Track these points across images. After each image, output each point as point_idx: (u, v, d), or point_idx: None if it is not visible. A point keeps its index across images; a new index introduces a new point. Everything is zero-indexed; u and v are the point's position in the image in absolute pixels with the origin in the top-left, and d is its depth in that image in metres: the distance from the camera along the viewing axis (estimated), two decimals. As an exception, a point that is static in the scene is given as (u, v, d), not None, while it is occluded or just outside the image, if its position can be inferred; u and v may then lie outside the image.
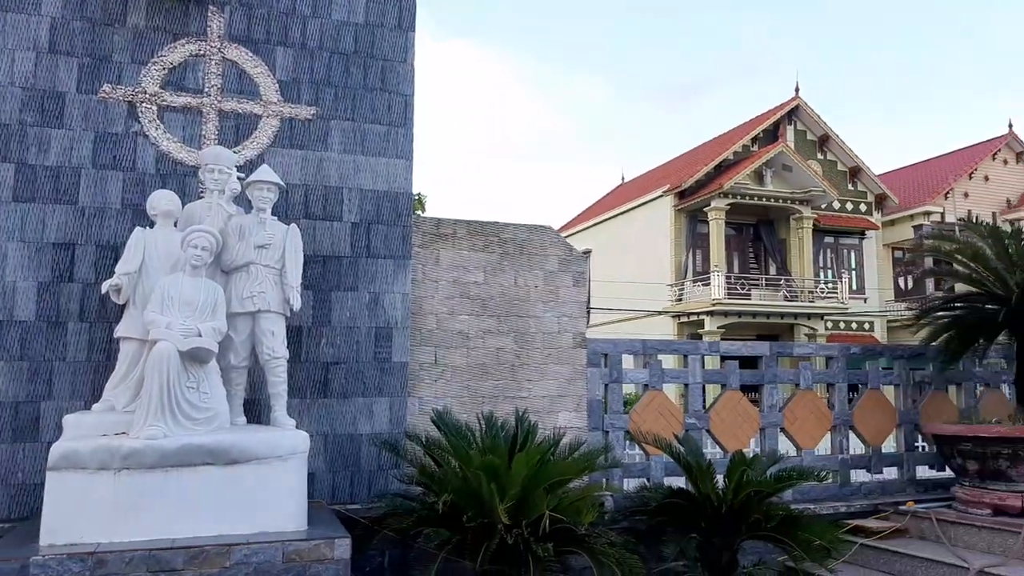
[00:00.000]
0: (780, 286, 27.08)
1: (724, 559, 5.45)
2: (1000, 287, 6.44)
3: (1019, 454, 6.10)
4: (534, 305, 6.39)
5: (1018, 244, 6.53)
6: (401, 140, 6.09)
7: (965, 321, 6.81)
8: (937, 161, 33.94)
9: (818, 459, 7.06)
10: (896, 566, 6.09)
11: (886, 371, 7.56)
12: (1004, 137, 32.21)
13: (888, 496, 7.16)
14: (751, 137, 28.59)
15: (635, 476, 6.59)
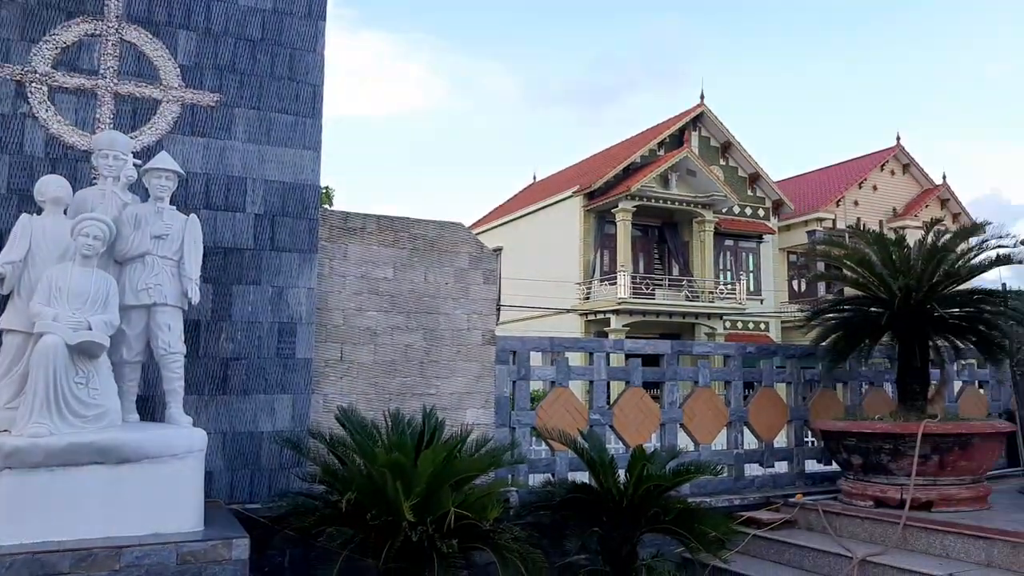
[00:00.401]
0: (682, 286, 27.94)
1: (624, 551, 5.59)
2: (884, 291, 6.83)
3: (899, 449, 6.49)
4: (444, 302, 6.37)
5: (901, 251, 6.95)
6: (309, 131, 5.96)
7: (852, 323, 7.20)
8: (831, 170, 35.71)
9: (715, 454, 7.32)
10: (786, 556, 6.38)
11: (779, 370, 7.91)
12: (892, 149, 34.20)
13: (779, 489, 7.49)
14: (658, 142, 29.37)
15: (541, 472, 6.68)
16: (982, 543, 5.52)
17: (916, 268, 6.78)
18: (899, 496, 6.39)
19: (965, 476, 6.50)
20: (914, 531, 6.01)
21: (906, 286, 6.60)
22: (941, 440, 6.36)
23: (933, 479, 6.43)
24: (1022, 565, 5.24)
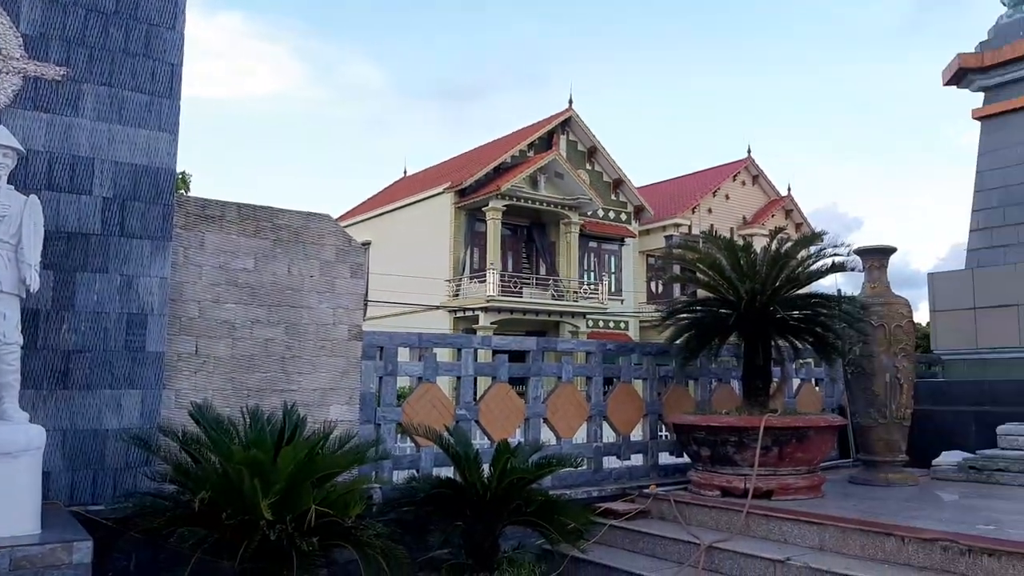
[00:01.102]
0: (549, 286, 28.56)
1: (487, 544, 5.67)
2: (732, 294, 7.27)
3: (744, 441, 6.92)
4: (308, 295, 6.22)
5: (748, 257, 7.42)
6: (166, 112, 5.65)
7: (703, 323, 7.61)
8: (687, 178, 37.56)
9: (575, 447, 7.54)
10: (639, 544, 6.66)
11: (636, 366, 8.26)
12: (743, 161, 36.37)
13: (635, 480, 7.82)
14: (528, 143, 29.87)
15: (406, 468, 6.65)
16: (815, 528, 5.97)
17: (761, 273, 7.26)
18: (743, 486, 6.81)
19: (802, 467, 7.02)
20: (756, 518, 6.41)
21: (752, 289, 7.06)
22: (781, 433, 6.84)
23: (773, 469, 6.90)
24: (849, 547, 5.71)
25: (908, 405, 8.04)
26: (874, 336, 7.93)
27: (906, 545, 5.39)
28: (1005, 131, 10.53)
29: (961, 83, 11.00)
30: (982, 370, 9.93)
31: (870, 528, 5.65)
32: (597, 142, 31.54)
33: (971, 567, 5.04)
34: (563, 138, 30.83)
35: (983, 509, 6.52)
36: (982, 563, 5.00)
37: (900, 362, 7.97)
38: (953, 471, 8.29)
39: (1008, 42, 10.39)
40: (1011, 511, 6.38)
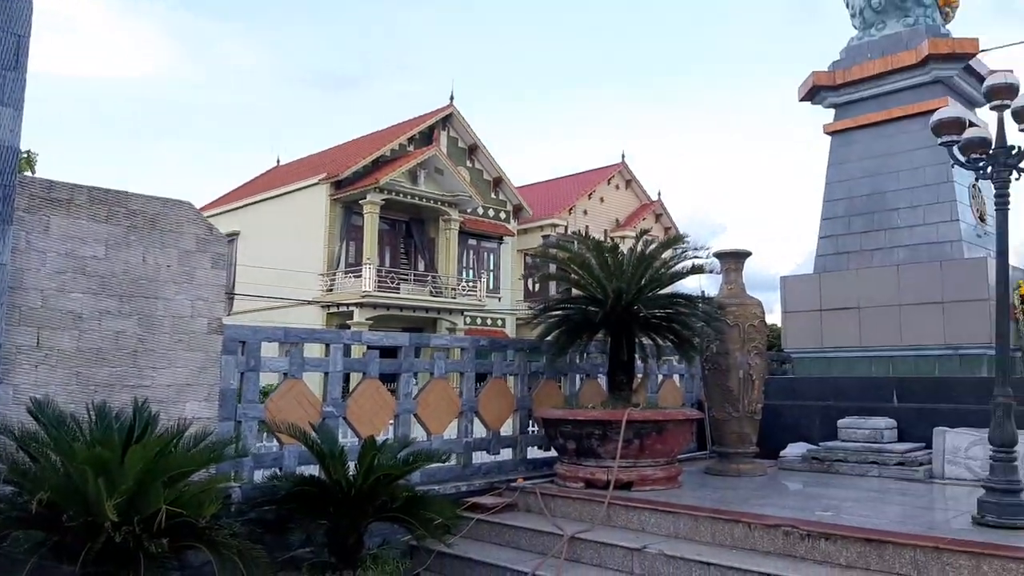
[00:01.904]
0: (427, 282, 28.44)
1: (351, 542, 5.60)
2: (601, 292, 7.50)
3: (607, 434, 7.14)
4: (165, 286, 5.91)
5: (616, 257, 7.67)
6: (10, 86, 5.22)
7: (573, 320, 7.80)
8: (565, 180, 38.37)
9: (446, 443, 7.56)
10: (506, 537, 6.76)
11: (509, 362, 8.37)
12: (617, 165, 37.48)
13: (504, 475, 7.92)
14: (408, 137, 29.62)
15: (268, 467, 6.45)
16: (671, 517, 6.25)
17: (628, 273, 7.52)
18: (605, 477, 7.03)
19: (661, 458, 7.32)
20: (617, 509, 6.64)
21: (618, 288, 7.30)
22: (642, 426, 7.11)
23: (634, 461, 7.16)
24: (702, 535, 6.01)
25: (759, 400, 8.55)
26: (729, 334, 8.37)
27: (753, 531, 5.73)
28: (851, 146, 11.36)
29: (815, 99, 11.78)
30: (827, 367, 10.68)
31: (720, 516, 5.97)
32: (478, 140, 31.68)
33: (810, 550, 5.42)
34: (444, 134, 30.79)
35: (823, 497, 7.02)
36: (820, 547, 5.38)
37: (753, 359, 8.45)
38: (798, 462, 8.87)
39: (857, 63, 11.21)
40: (847, 498, 6.89)
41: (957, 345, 9.55)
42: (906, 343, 9.99)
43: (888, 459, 8.29)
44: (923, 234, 10.41)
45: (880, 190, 10.91)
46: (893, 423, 8.85)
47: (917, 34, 10.71)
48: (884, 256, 10.65)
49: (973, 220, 10.47)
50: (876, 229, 10.87)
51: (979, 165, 5.95)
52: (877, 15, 11.27)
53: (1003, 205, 5.86)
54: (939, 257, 10.01)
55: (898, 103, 10.80)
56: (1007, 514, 5.47)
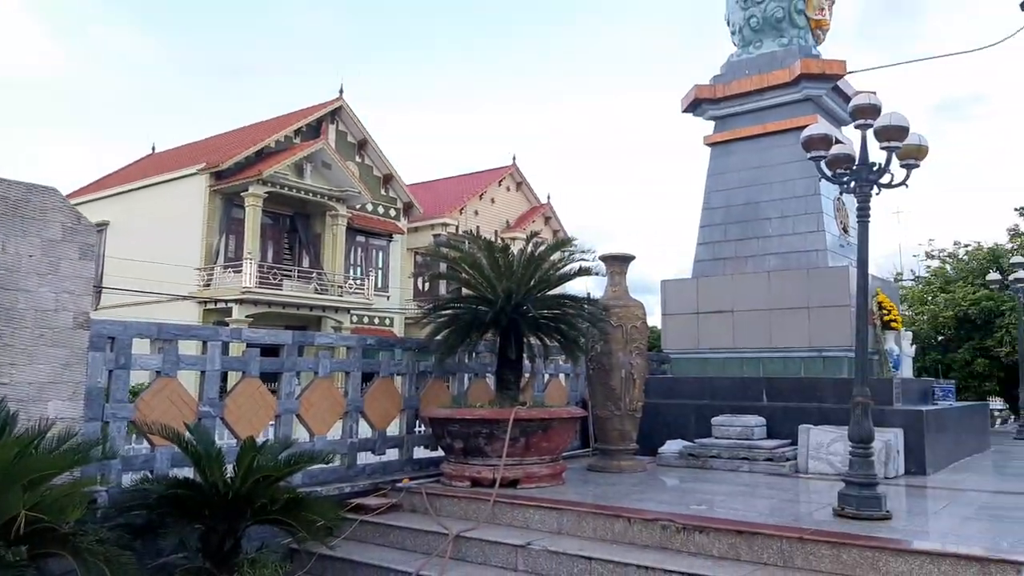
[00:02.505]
0: (312, 279, 27.73)
1: (227, 546, 5.39)
2: (491, 292, 7.55)
3: (494, 433, 7.19)
4: (27, 277, 5.50)
5: (506, 258, 7.74)
6: None
7: (462, 320, 7.81)
8: (456, 180, 38.38)
9: (329, 443, 7.40)
10: (390, 538, 6.69)
11: (396, 362, 8.28)
12: (509, 167, 37.81)
13: (389, 475, 7.83)
14: (294, 129, 28.81)
15: (139, 469, 6.12)
16: (555, 514, 6.36)
17: (517, 273, 7.61)
18: (492, 476, 7.08)
19: (546, 456, 7.44)
20: (503, 506, 6.69)
21: (508, 288, 7.38)
22: (528, 424, 7.20)
23: (520, 459, 7.25)
24: (584, 530, 6.14)
25: (640, 398, 8.83)
26: (613, 335, 8.62)
27: (632, 526, 5.92)
28: (729, 158, 11.92)
29: (696, 111, 12.28)
30: (703, 368, 11.15)
31: (602, 512, 6.13)
32: (368, 135, 31.20)
33: (685, 543, 5.64)
34: (332, 128, 30.12)
35: (698, 491, 7.33)
36: (694, 539, 5.62)
37: (635, 359, 8.73)
38: (675, 458, 9.23)
39: (736, 78, 11.77)
40: (720, 492, 7.23)
41: (821, 348, 10.18)
42: (775, 345, 10.57)
43: (758, 455, 8.75)
44: (792, 243, 11.04)
45: (754, 200, 11.50)
46: (763, 421, 9.35)
47: (791, 54, 11.35)
48: (757, 263, 11.22)
49: (837, 231, 11.20)
50: (750, 237, 11.44)
51: (843, 180, 6.37)
52: (755, 34, 11.87)
53: (864, 218, 6.30)
54: (806, 265, 10.64)
55: (773, 118, 11.41)
56: (865, 506, 5.87)
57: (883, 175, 6.15)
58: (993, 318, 20.74)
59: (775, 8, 11.56)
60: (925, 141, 6.13)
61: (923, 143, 6.10)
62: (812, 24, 11.62)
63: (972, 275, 22.23)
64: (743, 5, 11.88)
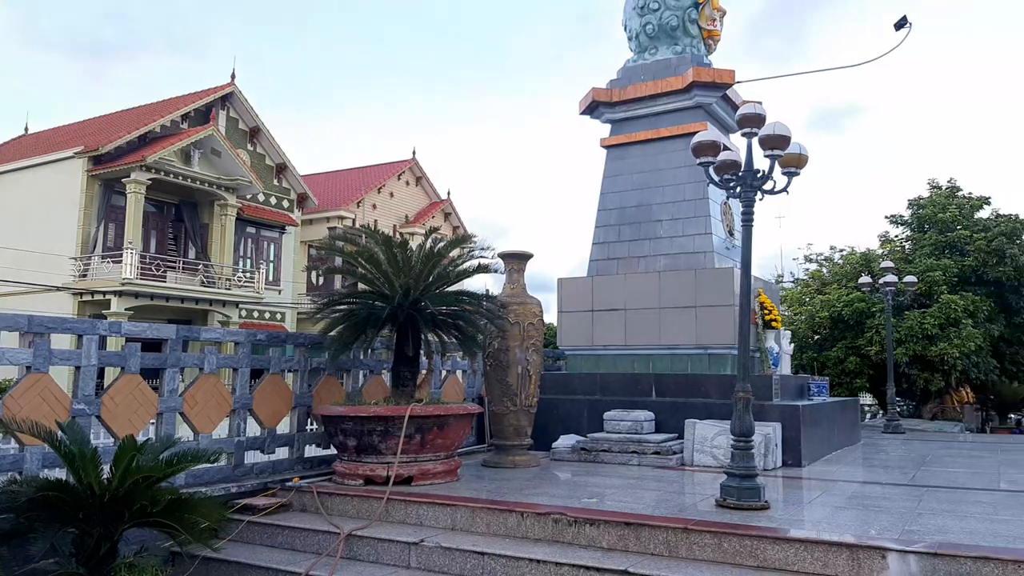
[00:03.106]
0: (198, 271, 26.63)
1: (103, 550, 5.11)
2: (388, 287, 7.46)
3: (389, 431, 7.13)
4: None
5: (404, 253, 7.66)
6: None
7: (358, 315, 7.68)
8: (354, 172, 37.71)
9: (215, 442, 7.14)
10: (279, 538, 6.51)
11: (288, 358, 8.07)
12: (408, 161, 37.46)
13: (279, 474, 7.63)
14: (181, 114, 27.60)
15: (6, 470, 5.72)
16: (448, 510, 6.36)
17: (416, 269, 7.55)
18: (386, 473, 7.02)
19: (441, 452, 7.43)
20: (396, 504, 6.64)
21: (406, 284, 7.32)
22: (424, 421, 7.17)
23: (415, 456, 7.21)
24: (478, 526, 6.17)
25: (535, 394, 8.95)
26: (511, 332, 8.69)
27: (525, 520, 5.99)
28: (624, 161, 12.23)
29: (593, 114, 12.53)
30: (596, 364, 11.41)
31: (495, 507, 6.18)
32: (261, 123, 30.19)
33: (576, 536, 5.76)
34: (223, 114, 28.99)
35: (589, 485, 7.49)
36: (585, 531, 5.74)
37: (531, 356, 8.84)
38: (568, 453, 9.40)
39: (632, 83, 12.08)
40: (610, 486, 7.41)
41: (707, 345, 10.60)
42: (664, 343, 10.93)
43: (646, 448, 9.03)
44: (682, 244, 11.44)
45: (647, 202, 11.84)
46: (651, 416, 9.66)
47: (684, 62, 11.75)
48: (648, 263, 11.57)
49: (724, 234, 11.67)
50: (642, 238, 11.78)
51: (730, 185, 6.65)
52: (651, 40, 12.22)
53: (748, 222, 6.60)
54: (694, 266, 11.05)
55: (666, 124, 11.78)
56: (745, 496, 6.16)
57: (766, 181, 6.45)
58: (864, 319, 22.17)
59: (670, 16, 11.94)
60: (805, 151, 6.47)
61: (803, 152, 6.44)
62: (704, 34, 12.06)
63: (846, 278, 23.70)
64: (640, 12, 12.20)
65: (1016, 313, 23.11)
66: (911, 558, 4.80)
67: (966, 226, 23.39)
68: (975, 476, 8.48)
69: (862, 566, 4.90)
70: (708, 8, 11.79)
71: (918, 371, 21.65)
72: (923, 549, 4.82)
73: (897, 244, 25.63)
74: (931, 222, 24.46)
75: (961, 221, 23.71)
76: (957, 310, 20.91)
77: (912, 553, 4.81)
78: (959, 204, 24.33)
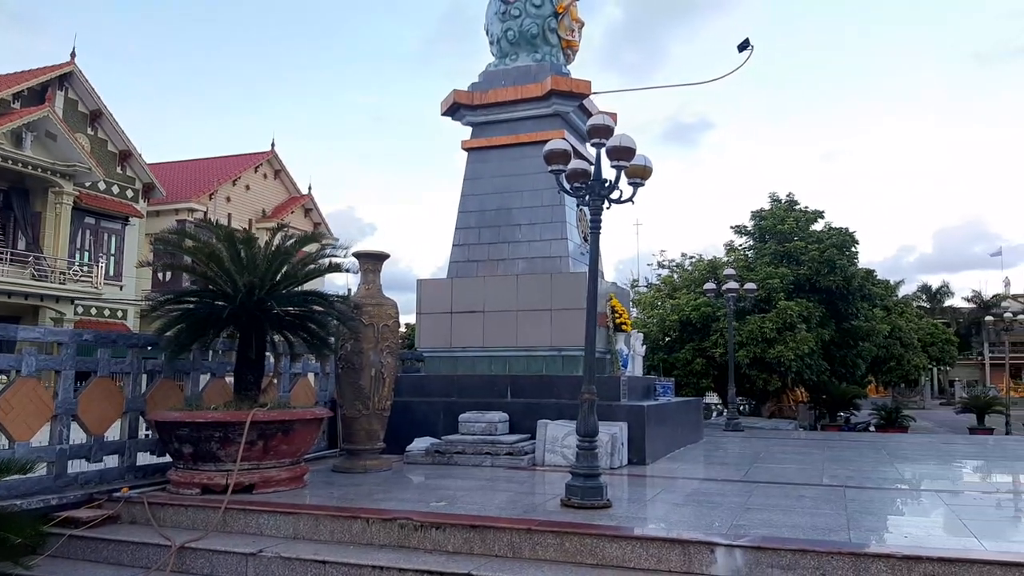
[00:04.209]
0: (29, 263, 24.56)
1: None
2: (230, 286, 7.12)
3: (229, 437, 6.80)
4: None
5: (249, 250, 7.34)
6: None
7: (197, 315, 7.28)
8: (207, 162, 35.91)
9: (33, 451, 6.56)
10: (104, 553, 6.08)
11: (119, 360, 7.54)
12: (267, 153, 36.13)
13: (107, 484, 7.11)
14: (13, 93, 25.37)
15: None
16: (290, 518, 6.14)
17: (262, 267, 7.25)
18: (225, 481, 6.69)
19: (286, 459, 7.17)
20: (235, 513, 6.34)
21: (250, 283, 7.00)
22: (267, 427, 6.90)
23: (257, 463, 6.92)
24: (321, 534, 5.99)
25: (389, 397, 8.82)
26: (364, 334, 8.52)
27: (370, 526, 5.88)
28: (485, 164, 12.29)
29: (455, 116, 12.52)
30: (454, 366, 11.41)
31: (339, 514, 6.03)
32: (103, 106, 28.20)
33: (422, 540, 5.71)
34: (60, 95, 26.86)
35: (441, 488, 7.45)
36: (431, 535, 5.70)
37: (385, 358, 8.70)
38: (422, 456, 9.34)
39: (493, 87, 12.16)
40: (463, 488, 7.41)
41: (561, 347, 10.83)
42: (521, 345, 11.09)
43: (500, 450, 9.11)
44: (539, 249, 11.64)
45: (507, 207, 11.97)
46: (506, 417, 9.76)
47: (543, 70, 11.95)
48: (507, 266, 11.69)
49: (579, 240, 11.98)
50: (502, 241, 11.89)
51: (580, 193, 6.82)
52: (512, 46, 12.35)
53: (596, 229, 6.78)
54: (551, 270, 11.27)
55: (525, 130, 11.94)
56: (588, 496, 6.32)
57: (613, 191, 6.66)
58: (710, 323, 23.43)
59: (531, 24, 12.12)
60: (650, 163, 6.72)
61: (648, 164, 6.69)
62: (564, 44, 12.33)
63: (695, 284, 24.95)
64: (501, 18, 12.31)
65: (845, 319, 25.14)
66: (737, 552, 5.08)
67: (802, 237, 25.20)
68: (802, 471, 9.12)
69: (692, 561, 5.13)
70: (567, 19, 12.07)
71: (758, 372, 23.10)
72: (748, 543, 5.11)
73: (741, 252, 27.25)
74: (771, 233, 26.18)
75: (798, 233, 25.54)
76: (793, 315, 22.47)
77: (738, 547, 5.09)
78: (796, 217, 26.19)
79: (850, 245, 24.93)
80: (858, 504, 6.72)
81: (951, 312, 61.64)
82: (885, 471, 9.18)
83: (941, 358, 34.03)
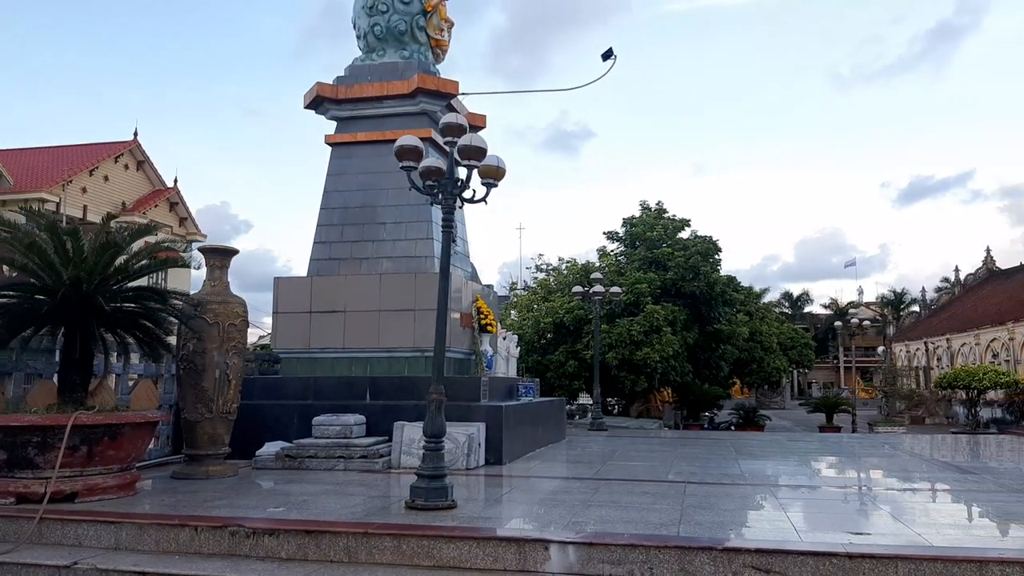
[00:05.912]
0: None
1: None
2: (53, 280, 6.60)
3: (48, 442, 6.31)
4: None
5: (76, 242, 6.84)
6: None
7: (15, 310, 6.72)
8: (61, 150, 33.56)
9: None
10: None
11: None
12: (129, 143, 34.16)
13: (-94, 496, 6.45)
14: None
15: None
16: (112, 528, 5.75)
17: (90, 261, 6.77)
18: (43, 490, 6.20)
19: (114, 465, 6.72)
20: (52, 524, 5.89)
21: (76, 277, 6.53)
22: (92, 431, 6.44)
23: (81, 470, 6.46)
24: (145, 543, 5.64)
25: (235, 400, 8.45)
26: (208, 333, 8.13)
27: (199, 534, 5.58)
28: (349, 160, 12.03)
29: (319, 109, 12.19)
30: (312, 368, 11.08)
31: (166, 521, 5.70)
32: (-60, 86, 25.84)
33: (254, 547, 5.48)
34: None
35: (286, 493, 7.20)
36: (263, 543, 5.48)
37: (231, 359, 8.33)
38: (272, 460, 9.00)
39: (359, 82, 11.92)
40: (309, 493, 7.18)
41: (424, 348, 10.72)
42: (383, 345, 10.91)
43: (354, 453, 8.91)
44: (404, 248, 11.51)
45: (372, 204, 11.76)
46: (363, 419, 9.56)
47: (411, 67, 11.83)
48: (371, 265, 11.49)
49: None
50: (366, 240, 11.68)
51: (433, 191, 6.75)
52: (379, 42, 12.17)
53: (447, 227, 6.74)
54: (415, 270, 11.16)
55: (391, 127, 11.75)
56: (432, 497, 6.26)
57: (465, 190, 6.63)
58: (583, 325, 23.93)
59: (398, 20, 11.98)
60: (503, 164, 6.73)
61: (501, 165, 6.70)
62: (432, 42, 12.25)
63: (568, 287, 25.42)
64: (369, 12, 12.11)
65: (708, 323, 26.26)
66: (570, 548, 5.14)
67: (669, 244, 26.15)
68: (650, 468, 9.40)
69: (527, 559, 5.16)
70: (436, 18, 12.00)
71: (627, 373, 23.77)
72: (580, 540, 5.19)
73: (613, 258, 28.00)
74: (641, 239, 27.04)
75: (666, 240, 26.48)
76: (659, 319, 23.27)
77: (571, 544, 5.15)
78: (664, 224, 27.15)
79: (714, 252, 26.06)
80: (695, 499, 6.98)
81: (810, 318, 65.67)
82: (728, 467, 9.60)
83: (800, 361, 36.09)
